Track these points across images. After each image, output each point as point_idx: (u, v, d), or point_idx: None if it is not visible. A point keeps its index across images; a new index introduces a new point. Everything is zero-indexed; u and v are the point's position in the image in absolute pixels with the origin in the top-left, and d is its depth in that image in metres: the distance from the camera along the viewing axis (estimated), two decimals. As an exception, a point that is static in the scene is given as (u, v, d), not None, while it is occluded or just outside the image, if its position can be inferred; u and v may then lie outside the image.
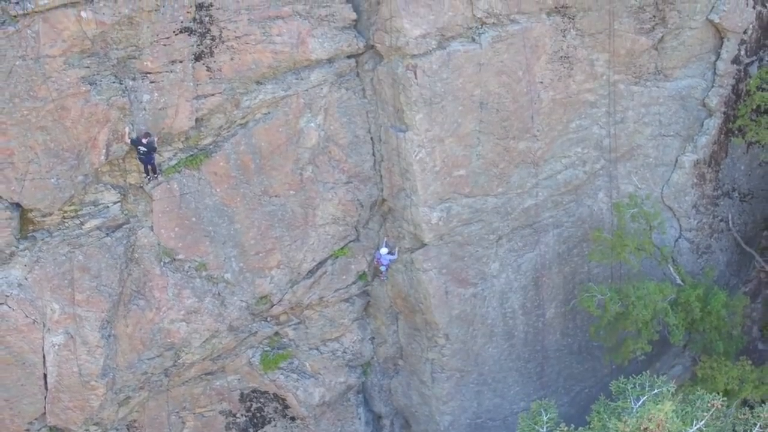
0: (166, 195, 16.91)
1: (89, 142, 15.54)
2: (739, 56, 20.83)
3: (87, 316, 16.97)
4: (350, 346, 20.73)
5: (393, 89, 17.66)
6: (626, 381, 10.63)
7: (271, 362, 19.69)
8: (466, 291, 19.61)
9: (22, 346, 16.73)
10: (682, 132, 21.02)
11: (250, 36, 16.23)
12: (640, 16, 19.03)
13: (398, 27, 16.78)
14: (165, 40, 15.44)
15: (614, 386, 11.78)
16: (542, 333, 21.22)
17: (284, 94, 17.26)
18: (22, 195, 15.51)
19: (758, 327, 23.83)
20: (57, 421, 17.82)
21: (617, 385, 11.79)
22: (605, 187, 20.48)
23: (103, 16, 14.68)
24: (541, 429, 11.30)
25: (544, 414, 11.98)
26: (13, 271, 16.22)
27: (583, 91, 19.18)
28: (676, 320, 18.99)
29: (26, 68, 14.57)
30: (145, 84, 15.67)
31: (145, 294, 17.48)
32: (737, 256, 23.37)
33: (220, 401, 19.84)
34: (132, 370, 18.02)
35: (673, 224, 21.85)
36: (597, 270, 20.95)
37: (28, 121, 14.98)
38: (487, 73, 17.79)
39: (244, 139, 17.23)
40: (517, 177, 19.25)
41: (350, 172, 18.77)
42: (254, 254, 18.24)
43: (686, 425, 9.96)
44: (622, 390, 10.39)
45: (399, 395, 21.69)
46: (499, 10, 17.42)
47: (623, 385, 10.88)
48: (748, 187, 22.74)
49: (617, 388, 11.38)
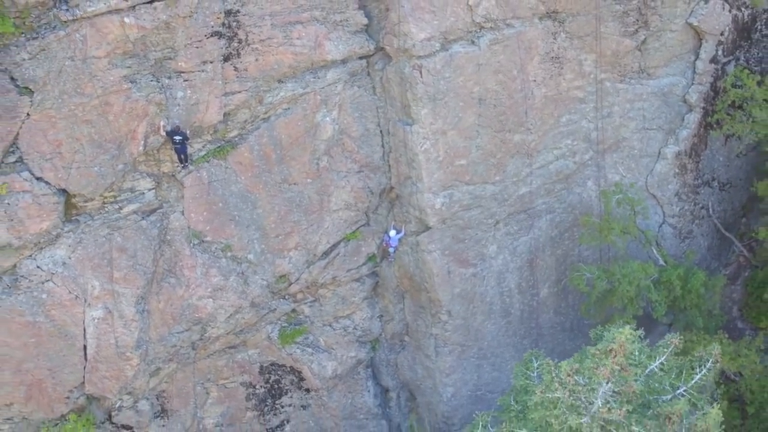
0: (196, 183, 18.43)
1: (129, 135, 17.14)
2: (717, 56, 22.43)
3: (124, 292, 18.44)
4: (360, 323, 22.28)
5: (400, 87, 19.19)
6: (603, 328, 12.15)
7: (288, 337, 21.24)
8: (466, 271, 21.17)
9: (65, 319, 18.16)
10: (664, 126, 22.63)
11: (273, 39, 17.77)
12: (624, 20, 20.64)
13: (405, 31, 18.33)
14: (197, 43, 17.01)
15: (593, 333, 13.35)
16: (537, 311, 22.82)
17: (303, 91, 18.77)
18: (68, 182, 17.02)
19: (738, 307, 25.23)
20: (94, 389, 19.23)
21: (595, 332, 13.36)
22: (593, 176, 22.10)
23: (143, 21, 16.25)
24: (532, 373, 12.86)
25: (534, 361, 13.56)
26: (59, 251, 17.66)
27: (573, 89, 20.78)
28: (659, 297, 20.66)
29: (74, 68, 16.15)
30: (180, 82, 17.22)
31: (176, 272, 19.00)
32: (717, 241, 25.01)
33: (241, 373, 21.33)
34: (163, 342, 19.53)
35: (657, 211, 23.48)
36: (587, 252, 22.55)
37: (75, 115, 16.53)
38: (486, 72, 19.32)
39: (266, 132, 18.78)
40: (513, 166, 20.83)
41: (361, 162, 20.26)
42: (274, 237, 19.77)
43: (650, 360, 11.62)
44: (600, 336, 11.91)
45: (405, 369, 23.27)
46: (495, 16, 19.01)
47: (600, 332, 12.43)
48: (726, 177, 24.38)
49: (596, 335, 12.94)
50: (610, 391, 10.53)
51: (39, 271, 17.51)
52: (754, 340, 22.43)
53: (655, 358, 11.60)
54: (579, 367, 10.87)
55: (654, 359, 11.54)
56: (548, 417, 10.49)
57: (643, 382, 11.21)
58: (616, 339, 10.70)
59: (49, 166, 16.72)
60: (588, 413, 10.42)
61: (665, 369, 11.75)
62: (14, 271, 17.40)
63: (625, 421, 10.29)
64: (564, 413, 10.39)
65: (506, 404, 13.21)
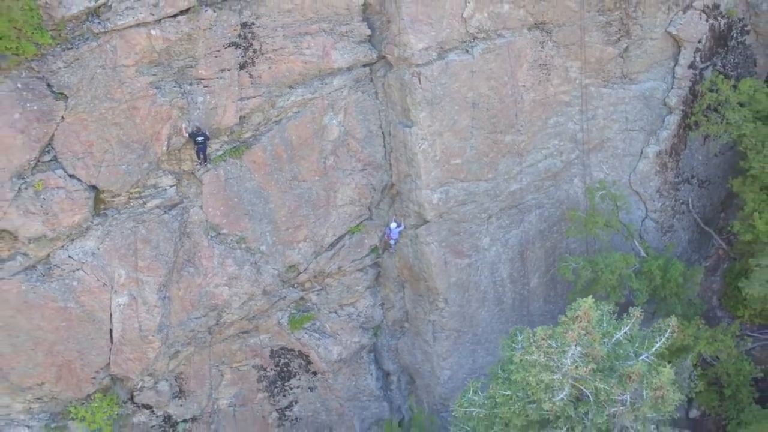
0: (214, 180, 19.86)
1: (154, 136, 18.59)
2: (695, 62, 23.84)
3: (147, 280, 19.83)
4: (363, 311, 23.73)
5: (401, 92, 20.63)
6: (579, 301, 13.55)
7: (297, 323, 22.66)
8: (462, 261, 22.61)
9: (94, 305, 19.50)
10: (646, 127, 24.03)
11: (285, 49, 19.23)
12: (607, 29, 22.07)
13: (405, 41, 19.79)
14: (216, 53, 18.50)
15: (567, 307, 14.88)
16: (527, 300, 24.29)
17: (311, 96, 20.22)
18: (98, 179, 18.44)
19: (717, 297, 26.56)
20: (119, 370, 20.60)
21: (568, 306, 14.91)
22: (580, 174, 23.57)
23: (168, 33, 17.72)
24: (516, 346, 14.37)
25: (519, 335, 15.08)
26: (88, 243, 19.04)
27: (560, 93, 22.19)
28: (640, 285, 22.15)
29: (105, 75, 17.58)
30: (200, 88, 18.69)
31: (195, 262, 20.41)
32: (697, 234, 26.43)
33: (253, 357, 22.74)
34: (182, 327, 20.91)
35: (640, 206, 24.90)
36: (574, 245, 23.97)
37: (105, 118, 17.94)
38: (479, 78, 20.73)
39: (278, 133, 20.22)
40: (504, 165, 22.28)
41: (365, 161, 21.69)
42: (285, 230, 21.22)
43: (616, 330, 13.19)
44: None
45: (405, 354, 24.72)
46: (488, 27, 20.44)
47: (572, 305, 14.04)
48: (705, 175, 25.80)
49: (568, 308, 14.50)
50: (578, 353, 12.13)
51: (70, 261, 18.88)
52: (730, 327, 23.86)
53: (620, 328, 13.21)
54: (552, 332, 12.48)
55: (619, 329, 13.15)
56: (527, 376, 12.07)
57: (611, 350, 12.84)
58: (581, 307, 12.30)
59: (81, 164, 18.12)
60: (559, 371, 12.03)
61: (630, 338, 13.37)
62: (48, 260, 18.72)
63: (591, 378, 11.90)
64: (539, 372, 11.98)
65: (494, 372, 14.80)
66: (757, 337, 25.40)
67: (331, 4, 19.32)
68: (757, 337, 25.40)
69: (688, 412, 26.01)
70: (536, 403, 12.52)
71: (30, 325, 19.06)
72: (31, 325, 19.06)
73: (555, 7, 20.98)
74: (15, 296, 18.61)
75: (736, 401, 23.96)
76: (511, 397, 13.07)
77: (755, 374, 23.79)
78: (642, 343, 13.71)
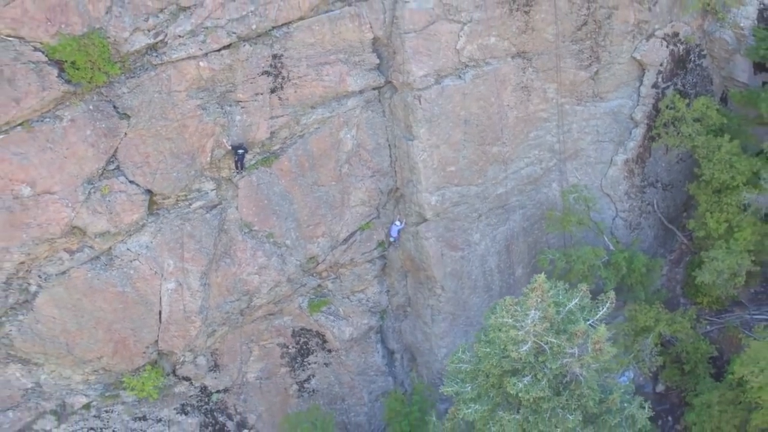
0: (248, 185, 22.84)
1: (200, 149, 21.67)
2: (658, 82, 27.12)
3: (191, 269, 22.73)
4: (372, 296, 26.59)
5: (404, 111, 23.55)
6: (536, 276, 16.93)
7: (315, 307, 25.55)
8: (456, 254, 25.56)
9: (146, 290, 22.33)
10: (615, 138, 27.17)
11: (308, 76, 22.27)
12: (580, 56, 25.24)
13: (408, 69, 22.81)
14: (252, 80, 21.59)
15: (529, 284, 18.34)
16: (513, 287, 27.33)
17: (330, 115, 23.13)
18: (153, 184, 21.38)
19: (680, 286, 29.65)
20: (165, 346, 23.48)
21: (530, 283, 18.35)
22: (557, 179, 26.64)
23: (213, 64, 20.83)
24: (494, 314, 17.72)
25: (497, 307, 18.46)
26: (143, 237, 21.86)
27: (539, 111, 25.22)
28: (607, 274, 25.56)
29: (161, 99, 20.57)
30: (238, 109, 21.74)
31: (231, 254, 23.33)
32: (662, 231, 29.69)
33: (277, 336, 25.61)
34: (219, 309, 23.78)
35: (611, 207, 28.17)
36: (553, 240, 27.15)
37: (160, 134, 20.90)
38: (470, 99, 23.65)
39: (301, 146, 23.20)
40: (492, 172, 25.21)
41: (374, 169, 24.52)
42: (306, 227, 24.16)
43: (568, 301, 16.81)
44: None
45: (407, 334, 27.64)
46: (477, 56, 23.55)
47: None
48: (668, 179, 29.11)
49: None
50: (537, 315, 15.73)
51: (128, 252, 21.78)
52: (687, 311, 27.17)
53: (571, 300, 16.86)
54: (518, 300, 16.11)
55: (570, 301, 16.80)
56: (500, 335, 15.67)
57: (565, 316, 16.49)
58: (537, 280, 15.92)
59: (140, 172, 21.09)
60: (523, 329, 15.63)
61: (581, 308, 17.01)
62: (110, 252, 21.64)
63: (546, 334, 15.50)
64: (508, 330, 15.58)
65: (478, 336, 18.31)
66: (714, 320, 28.49)
67: (347, 39, 22.44)
68: (714, 320, 28.49)
69: (655, 386, 29.26)
70: (508, 357, 16.16)
71: (93, 307, 21.89)
72: (93, 307, 21.90)
73: (534, 39, 24.20)
74: (82, 282, 21.49)
75: (694, 376, 26.79)
76: (490, 353, 16.75)
77: (712, 353, 26.76)
78: (590, 312, 17.39)
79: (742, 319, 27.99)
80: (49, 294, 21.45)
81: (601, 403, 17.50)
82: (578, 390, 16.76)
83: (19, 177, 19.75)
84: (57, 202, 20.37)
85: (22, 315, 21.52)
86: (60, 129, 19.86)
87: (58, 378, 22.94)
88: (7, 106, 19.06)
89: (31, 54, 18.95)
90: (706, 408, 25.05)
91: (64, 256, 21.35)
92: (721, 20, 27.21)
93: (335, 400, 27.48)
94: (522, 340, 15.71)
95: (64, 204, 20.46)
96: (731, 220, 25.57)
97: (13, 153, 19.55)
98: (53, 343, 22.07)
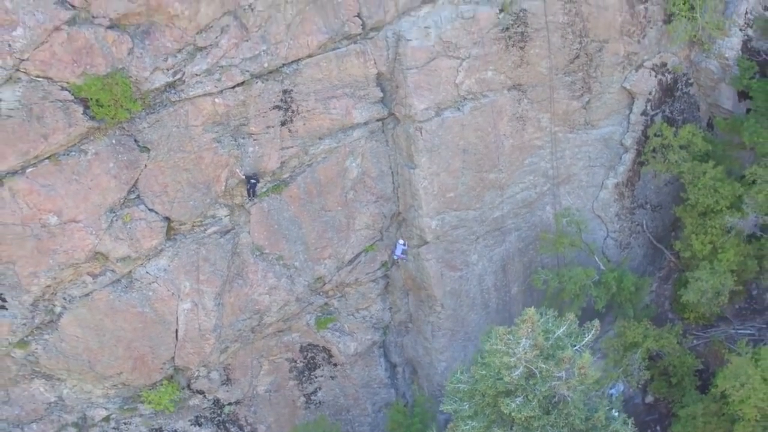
0: (259, 211, 23.91)
1: (215, 178, 22.80)
2: (647, 110, 28.27)
3: (206, 290, 23.81)
4: (375, 313, 27.69)
5: (406, 141, 24.61)
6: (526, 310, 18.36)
7: (321, 324, 26.64)
8: (455, 274, 26.65)
9: (164, 310, 23.43)
10: (606, 163, 28.29)
11: (316, 109, 23.34)
12: (572, 87, 26.39)
13: (410, 103, 23.90)
14: (263, 114, 22.71)
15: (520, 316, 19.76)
16: (509, 304, 28.49)
17: (336, 145, 24.22)
18: (171, 212, 22.51)
19: (669, 302, 30.84)
20: (181, 362, 24.59)
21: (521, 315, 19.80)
22: (551, 203, 27.77)
23: (228, 100, 21.95)
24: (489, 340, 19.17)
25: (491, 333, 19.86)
26: (161, 261, 22.95)
27: (533, 139, 26.37)
28: (598, 293, 26.86)
29: (179, 133, 21.71)
30: (250, 141, 22.87)
31: (243, 276, 24.43)
32: (651, 250, 30.86)
33: (286, 351, 26.70)
34: (231, 327, 24.88)
35: (602, 228, 29.38)
36: (547, 260, 28.26)
37: (178, 165, 22.01)
38: (468, 130, 24.76)
39: (309, 174, 24.27)
40: (489, 197, 26.32)
41: (378, 195, 25.54)
42: (314, 249, 25.26)
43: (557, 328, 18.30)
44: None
45: (409, 349, 28.70)
46: (475, 90, 24.66)
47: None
48: (657, 201, 30.27)
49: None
50: (527, 344, 17.21)
51: (147, 275, 22.92)
52: (674, 327, 28.40)
53: (560, 327, 18.33)
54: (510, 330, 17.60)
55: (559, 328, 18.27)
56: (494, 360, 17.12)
57: (554, 342, 17.97)
58: (527, 312, 17.40)
59: (159, 201, 22.23)
60: (515, 356, 17.12)
61: (569, 334, 18.49)
62: (130, 275, 22.78)
63: (536, 360, 17.00)
64: (502, 356, 17.06)
65: (475, 358, 19.79)
66: (701, 335, 29.66)
67: (352, 74, 23.57)
68: (701, 335, 29.66)
69: (644, 398, 30.60)
70: (502, 379, 17.66)
71: (114, 326, 23.07)
72: (115, 326, 23.08)
73: (529, 72, 25.42)
74: (104, 304, 22.70)
75: (681, 388, 27.94)
76: (486, 375, 18.26)
77: (697, 366, 27.99)
78: (576, 338, 18.89)
79: (727, 333, 29.10)
80: (73, 315, 22.68)
81: (587, 420, 19.08)
82: (566, 409, 18.33)
83: (47, 207, 20.98)
84: (82, 230, 21.59)
85: (47, 334, 22.76)
86: (85, 162, 21.06)
87: (80, 392, 24.11)
88: (36, 141, 20.33)
89: (58, 93, 20.16)
90: (692, 419, 26.31)
91: (88, 279, 22.59)
92: (707, 51, 28.31)
93: (340, 411, 28.54)
94: (514, 365, 17.23)
95: (88, 232, 21.70)
96: (715, 241, 26.74)
97: (41, 185, 20.81)
98: (76, 360, 23.27)
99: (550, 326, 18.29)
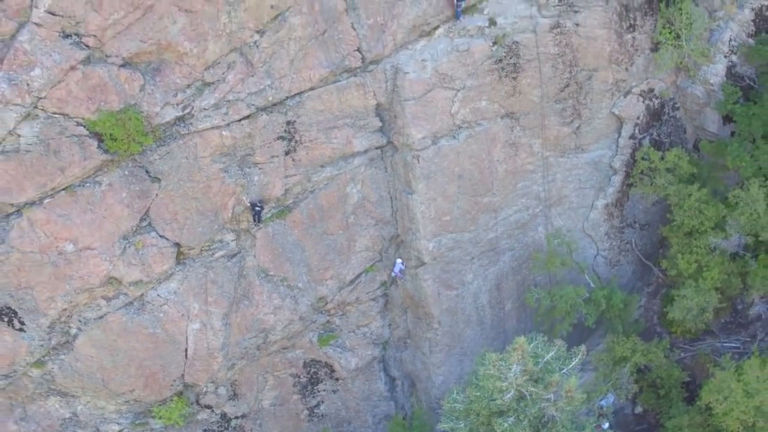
0: (264, 235, 24.88)
1: (222, 206, 23.77)
2: (635, 134, 29.23)
3: (214, 311, 24.76)
4: (375, 330, 28.68)
5: (404, 168, 25.59)
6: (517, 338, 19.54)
7: (324, 341, 27.64)
8: (451, 293, 27.64)
9: (174, 331, 24.36)
10: (595, 185, 29.25)
11: (318, 139, 24.32)
12: (562, 114, 27.38)
13: (408, 132, 24.88)
14: (268, 144, 23.68)
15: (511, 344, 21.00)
16: (503, 321, 29.50)
17: (337, 172, 25.18)
18: (180, 238, 23.50)
19: (657, 317, 31.38)
20: (190, 379, 25.52)
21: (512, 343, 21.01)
22: (543, 224, 28.80)
23: (234, 133, 22.94)
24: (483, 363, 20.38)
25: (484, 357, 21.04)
26: (172, 284, 23.91)
27: (526, 164, 27.38)
28: (588, 310, 27.93)
29: (188, 163, 22.68)
30: (256, 170, 23.83)
31: (249, 297, 25.39)
32: (640, 267, 31.78)
33: (290, 367, 27.68)
34: (238, 345, 25.82)
35: (592, 246, 30.39)
36: (540, 278, 29.25)
37: (187, 194, 22.96)
38: (463, 157, 25.74)
39: (312, 200, 25.23)
40: (483, 220, 27.31)
41: (377, 218, 26.49)
42: (317, 271, 26.27)
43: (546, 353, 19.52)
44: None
45: (407, 363, 29.66)
46: (469, 118, 25.65)
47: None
48: (645, 220, 31.21)
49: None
50: (518, 369, 18.43)
51: (159, 298, 23.88)
52: (661, 341, 29.29)
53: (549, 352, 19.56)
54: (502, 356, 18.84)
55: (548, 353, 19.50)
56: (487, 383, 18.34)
57: (543, 367, 19.21)
58: (518, 342, 18.64)
59: (169, 228, 23.21)
60: (506, 380, 18.37)
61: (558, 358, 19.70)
62: (142, 298, 23.73)
63: (526, 384, 18.23)
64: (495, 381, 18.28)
65: (470, 380, 21.01)
66: (688, 348, 30.50)
67: (353, 105, 24.55)
68: (688, 348, 30.50)
69: (634, 408, 31.58)
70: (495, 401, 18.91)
71: (127, 347, 24.05)
72: (127, 347, 24.05)
73: (521, 101, 26.41)
74: (117, 325, 23.67)
75: (668, 400, 28.69)
76: (480, 396, 19.50)
77: (684, 379, 28.80)
78: (564, 362, 20.13)
79: (713, 346, 29.82)
80: (88, 336, 23.67)
81: (575, 438, 20.32)
82: (554, 428, 19.56)
83: (63, 235, 22.01)
84: (97, 256, 22.61)
85: (63, 354, 23.79)
86: (99, 192, 22.06)
87: (94, 408, 25.08)
88: (53, 174, 21.34)
89: (74, 128, 21.14)
90: (678, 430, 27.36)
91: (102, 302, 23.59)
92: (693, 77, 29.25)
93: (342, 424, 29.52)
94: (506, 389, 18.48)
95: (102, 258, 22.72)
96: (700, 260, 27.68)
97: (58, 215, 21.85)
98: (90, 379, 24.28)
99: (539, 350, 19.53)
